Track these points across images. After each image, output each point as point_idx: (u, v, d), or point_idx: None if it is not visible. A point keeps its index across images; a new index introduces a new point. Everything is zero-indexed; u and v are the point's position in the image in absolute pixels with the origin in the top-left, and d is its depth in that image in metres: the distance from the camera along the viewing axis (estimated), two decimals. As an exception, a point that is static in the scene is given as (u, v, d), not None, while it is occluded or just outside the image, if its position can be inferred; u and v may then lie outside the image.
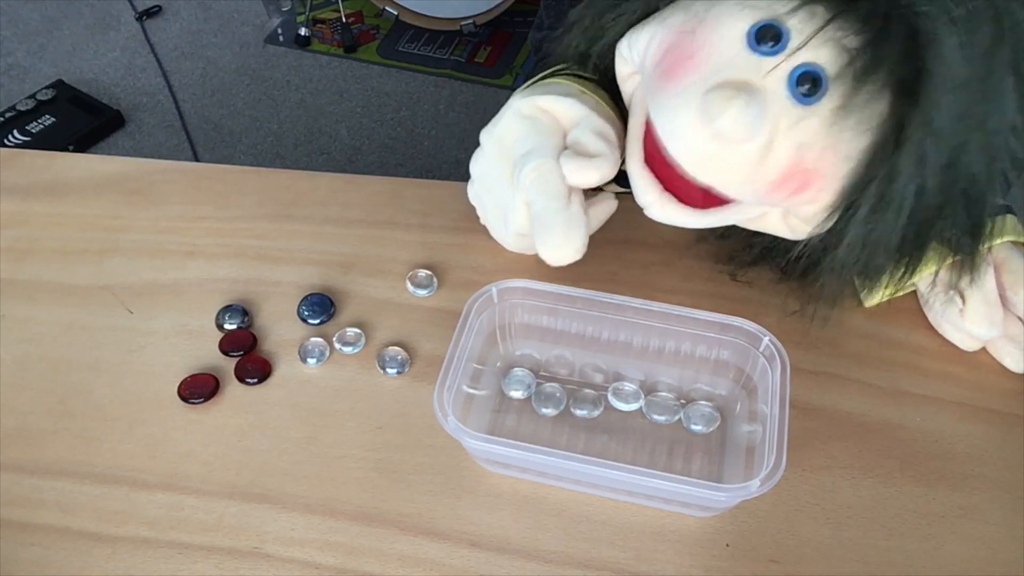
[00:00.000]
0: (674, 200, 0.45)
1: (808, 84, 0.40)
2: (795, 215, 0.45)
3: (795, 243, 0.47)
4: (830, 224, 0.44)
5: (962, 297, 0.50)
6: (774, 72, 0.40)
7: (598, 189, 0.56)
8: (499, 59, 1.97)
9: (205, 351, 0.53)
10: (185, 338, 0.53)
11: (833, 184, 0.42)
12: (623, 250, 0.58)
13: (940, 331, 0.52)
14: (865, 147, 0.41)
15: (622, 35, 0.47)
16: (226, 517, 0.45)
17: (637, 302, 0.47)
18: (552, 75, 0.53)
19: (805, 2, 0.40)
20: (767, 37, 0.40)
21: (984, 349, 0.52)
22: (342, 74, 1.96)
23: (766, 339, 0.46)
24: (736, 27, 0.41)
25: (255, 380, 0.51)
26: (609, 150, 0.48)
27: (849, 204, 0.43)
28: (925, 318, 0.54)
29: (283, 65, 1.99)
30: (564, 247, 0.48)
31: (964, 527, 0.44)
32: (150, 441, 0.49)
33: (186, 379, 0.51)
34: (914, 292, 0.54)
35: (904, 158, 0.40)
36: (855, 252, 0.44)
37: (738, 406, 0.48)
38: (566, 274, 0.56)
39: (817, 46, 0.40)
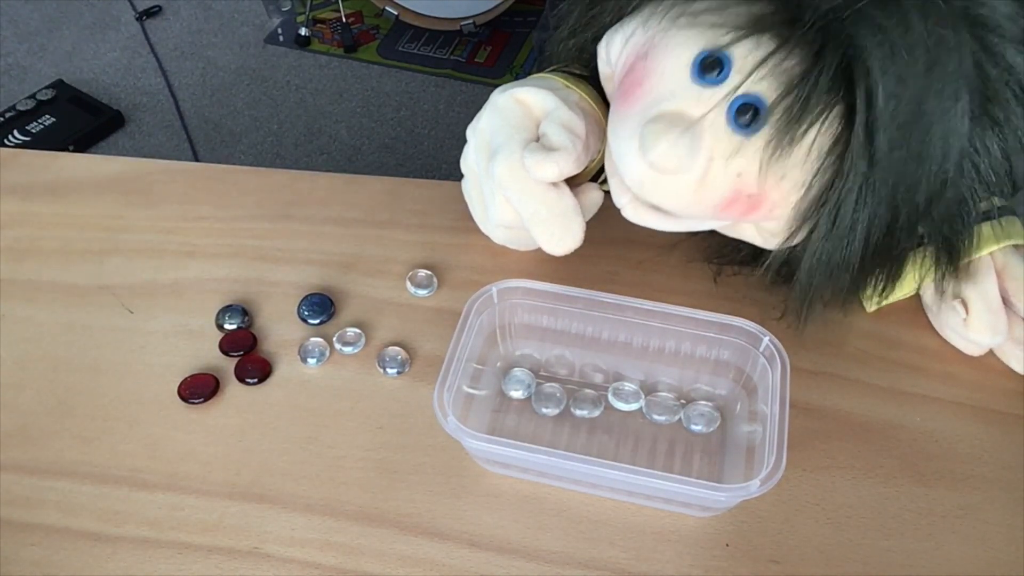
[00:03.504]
0: (646, 204, 0.46)
1: (748, 114, 0.41)
2: (763, 228, 0.46)
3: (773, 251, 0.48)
4: (797, 240, 0.44)
5: (965, 306, 0.50)
6: (714, 102, 0.41)
7: (594, 179, 0.56)
8: (499, 59, 1.98)
9: (205, 351, 0.53)
10: (185, 338, 0.54)
11: (785, 207, 0.43)
12: (623, 250, 0.58)
13: (944, 337, 0.52)
14: (812, 174, 0.41)
15: (602, 35, 0.48)
16: (226, 517, 0.45)
17: (637, 302, 0.47)
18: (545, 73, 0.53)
19: (747, 34, 0.40)
20: (711, 67, 0.41)
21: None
22: (342, 74, 1.96)
23: (766, 339, 0.46)
24: (682, 56, 0.42)
25: (255, 380, 0.51)
26: (571, 144, 0.48)
27: (809, 226, 0.43)
28: (926, 318, 0.54)
29: (283, 65, 1.99)
30: (565, 238, 0.49)
31: (964, 527, 0.44)
32: (150, 441, 0.49)
33: (186, 379, 0.51)
34: (916, 294, 0.54)
35: (848, 187, 0.40)
36: (816, 274, 0.44)
37: (738, 406, 0.48)
38: (566, 274, 0.56)
39: (758, 77, 0.40)
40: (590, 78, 0.53)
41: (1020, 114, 0.41)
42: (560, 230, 0.49)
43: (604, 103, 0.52)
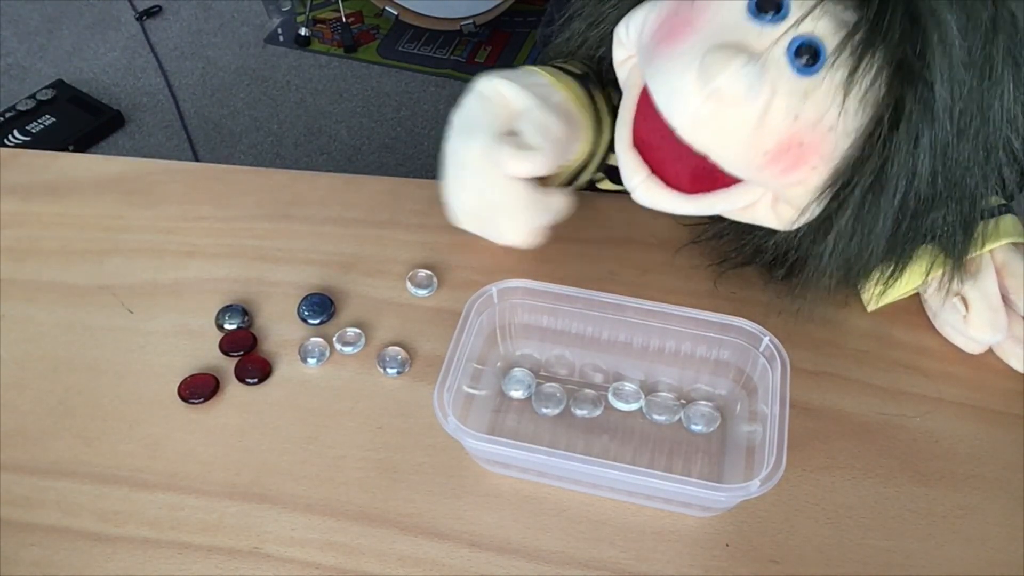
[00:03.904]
0: (661, 183, 0.45)
1: (807, 55, 0.40)
2: (785, 200, 0.45)
3: (783, 239, 0.47)
4: (819, 209, 0.43)
5: (965, 303, 0.50)
6: (773, 41, 0.40)
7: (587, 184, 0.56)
8: (499, 59, 1.97)
9: (205, 351, 0.53)
10: (185, 338, 0.53)
11: (826, 162, 0.42)
12: (623, 250, 0.58)
13: (944, 335, 0.52)
14: (862, 125, 0.41)
15: (619, 21, 0.48)
16: (226, 517, 0.45)
17: (637, 302, 0.47)
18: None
19: None
20: (768, 6, 0.40)
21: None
22: (342, 74, 1.96)
23: (766, 339, 0.46)
24: None
25: (255, 380, 0.51)
26: (547, 146, 0.48)
27: (840, 187, 0.42)
28: (926, 318, 0.54)
29: (283, 65, 1.99)
30: (525, 232, 0.51)
31: (964, 527, 0.44)
32: (150, 441, 0.49)
33: (186, 379, 0.51)
34: (916, 293, 0.54)
35: (900, 139, 0.40)
36: (844, 239, 0.43)
37: (738, 406, 0.48)
38: (566, 274, 0.56)
39: (818, 18, 0.40)
40: (586, 76, 0.53)
41: None
42: (523, 224, 0.50)
43: (594, 105, 0.52)
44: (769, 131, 0.41)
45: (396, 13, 1.92)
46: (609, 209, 0.60)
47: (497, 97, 0.51)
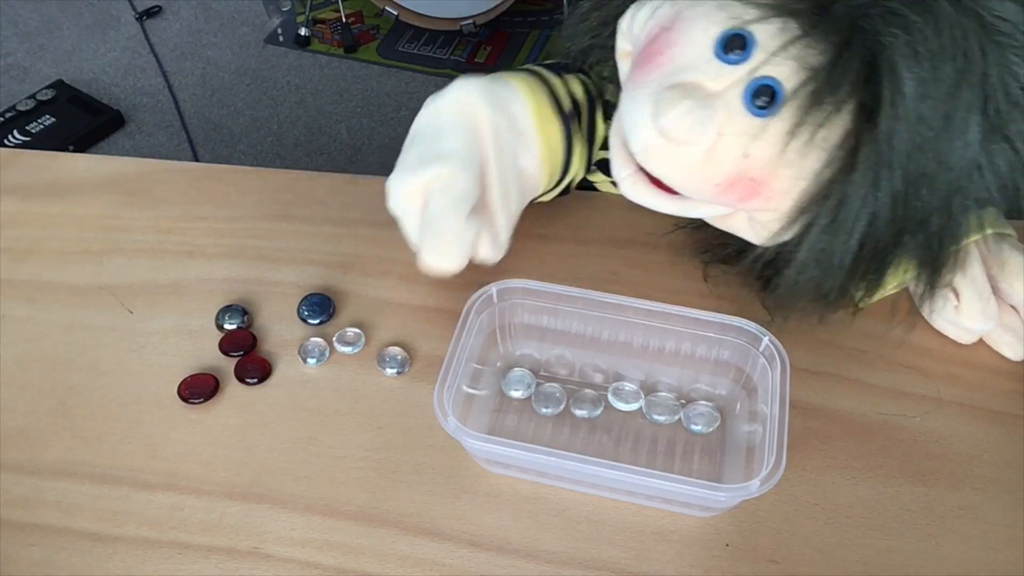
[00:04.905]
0: (646, 180, 0.46)
1: (765, 97, 0.41)
2: (757, 220, 0.46)
3: (762, 250, 0.48)
4: (788, 235, 0.44)
5: (956, 293, 0.50)
6: (732, 80, 0.41)
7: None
8: (499, 59, 1.98)
9: (205, 351, 0.53)
10: (185, 338, 0.53)
11: (786, 197, 0.43)
12: (623, 250, 0.58)
13: (935, 326, 0.53)
14: (819, 166, 0.41)
15: (625, 9, 0.48)
16: (226, 517, 0.45)
17: (637, 302, 0.47)
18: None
19: (775, 15, 0.40)
20: (734, 46, 0.41)
21: (983, 347, 0.52)
22: (342, 74, 1.96)
23: (766, 339, 0.46)
24: (708, 32, 0.42)
25: (255, 380, 0.51)
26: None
27: (806, 220, 0.43)
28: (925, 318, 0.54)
29: (283, 65, 1.99)
30: (445, 258, 0.50)
31: (964, 527, 0.44)
32: (150, 441, 0.49)
33: (186, 379, 0.51)
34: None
35: (856, 183, 0.40)
36: (807, 271, 0.44)
37: (738, 406, 0.48)
38: (566, 274, 0.56)
39: (779, 61, 0.40)
40: (574, 71, 0.54)
41: None
42: (447, 251, 0.50)
43: (560, 112, 0.53)
44: (716, 166, 0.43)
45: (396, 13, 1.92)
46: (609, 209, 0.60)
47: (478, 122, 0.51)
